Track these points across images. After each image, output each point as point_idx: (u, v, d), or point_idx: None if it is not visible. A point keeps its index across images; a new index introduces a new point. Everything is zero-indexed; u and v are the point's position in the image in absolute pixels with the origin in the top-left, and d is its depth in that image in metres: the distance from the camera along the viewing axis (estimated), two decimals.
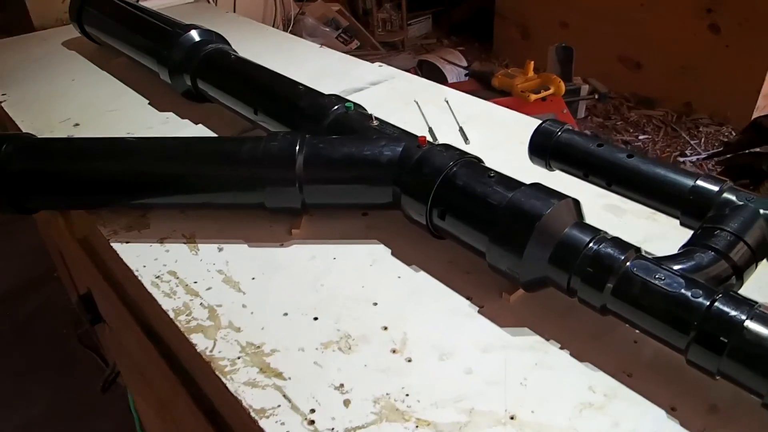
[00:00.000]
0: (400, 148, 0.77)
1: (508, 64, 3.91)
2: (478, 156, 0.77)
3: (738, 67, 3.05)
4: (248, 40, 1.54)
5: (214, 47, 1.12)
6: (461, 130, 1.07)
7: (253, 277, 0.76)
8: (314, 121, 0.87)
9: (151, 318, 0.87)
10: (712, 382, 0.55)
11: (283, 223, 0.85)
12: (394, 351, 0.65)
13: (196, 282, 0.76)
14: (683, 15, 3.16)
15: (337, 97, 0.91)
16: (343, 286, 0.74)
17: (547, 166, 0.78)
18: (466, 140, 1.05)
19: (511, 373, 0.61)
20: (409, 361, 0.63)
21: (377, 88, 1.27)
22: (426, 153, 0.75)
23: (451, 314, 0.69)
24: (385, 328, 0.67)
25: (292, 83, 0.99)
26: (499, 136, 1.06)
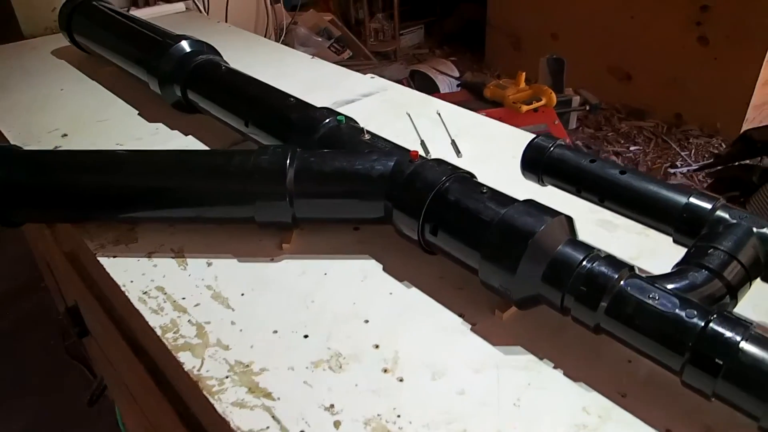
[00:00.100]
0: (392, 163, 0.76)
1: (499, 75, 3.93)
2: (470, 171, 0.77)
3: (727, 79, 3.08)
4: (239, 51, 1.53)
5: (205, 58, 1.12)
6: (453, 143, 1.07)
7: (243, 293, 0.75)
8: (305, 135, 0.86)
9: (138, 334, 0.85)
10: (708, 403, 0.55)
11: (274, 238, 0.83)
12: (385, 370, 0.63)
13: (184, 298, 0.75)
14: (672, 27, 3.20)
15: (328, 110, 0.90)
16: (334, 303, 0.73)
17: (540, 182, 0.78)
18: (459, 153, 1.04)
19: (504, 394, 0.60)
20: (401, 380, 0.62)
21: (369, 99, 1.26)
22: (418, 168, 0.74)
23: (444, 332, 0.68)
24: (377, 346, 0.66)
25: (283, 95, 0.98)
26: (492, 150, 1.06)
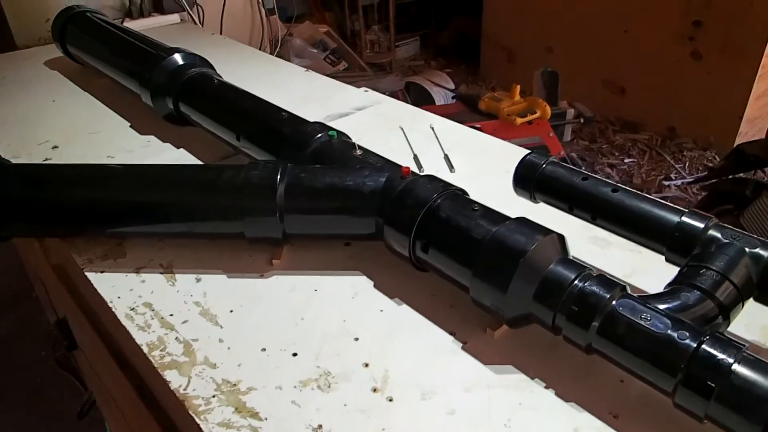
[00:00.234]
0: (384, 179, 0.76)
1: (494, 87, 3.95)
2: (462, 188, 0.76)
3: (720, 93, 3.11)
4: (233, 63, 1.53)
5: (197, 71, 1.11)
6: (446, 158, 1.07)
7: (232, 310, 0.74)
8: (297, 149, 0.86)
9: (125, 350, 0.84)
10: (700, 425, 0.54)
11: (264, 253, 0.83)
12: (374, 389, 0.63)
13: (172, 315, 0.74)
14: (666, 42, 3.22)
15: (320, 125, 0.90)
16: (324, 320, 0.72)
17: (532, 199, 0.77)
18: (452, 168, 1.04)
19: (494, 414, 0.59)
20: (390, 400, 0.61)
21: (362, 113, 1.26)
22: (409, 184, 0.74)
23: (434, 350, 0.68)
24: (366, 365, 0.66)
25: (276, 109, 0.97)
26: (485, 165, 1.06)
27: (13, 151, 1.15)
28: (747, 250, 0.60)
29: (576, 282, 0.60)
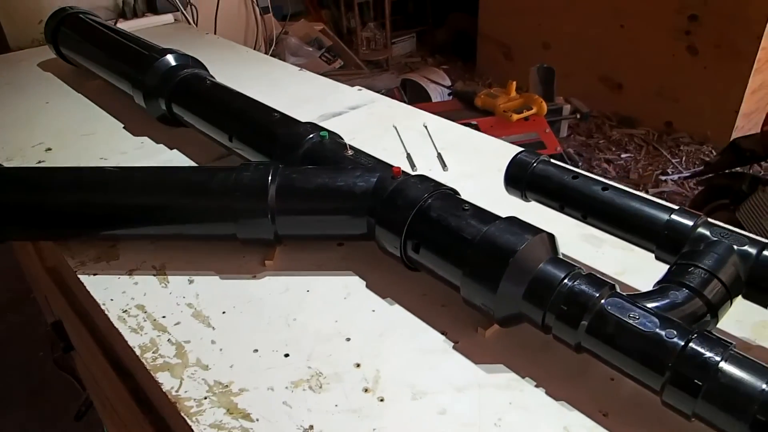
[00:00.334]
0: (375, 179, 0.76)
1: (491, 84, 3.94)
2: (453, 187, 0.76)
3: (716, 87, 3.11)
4: (227, 64, 1.53)
5: (190, 72, 1.11)
6: (440, 157, 1.07)
7: (224, 311, 0.74)
8: (289, 150, 0.86)
9: (119, 352, 0.84)
10: (689, 423, 0.54)
11: (257, 254, 0.83)
12: (366, 390, 0.63)
13: (164, 316, 0.74)
14: (662, 37, 3.22)
15: (312, 126, 0.90)
16: (316, 321, 0.72)
17: (523, 197, 0.78)
18: (445, 167, 1.04)
19: (485, 413, 0.60)
20: (382, 400, 0.61)
21: (356, 112, 1.26)
22: (400, 184, 0.74)
23: (426, 350, 0.68)
24: (358, 365, 0.66)
25: (268, 110, 0.97)
26: (478, 164, 1.06)
27: (7, 154, 1.15)
28: (735, 248, 0.60)
29: (565, 281, 0.60)
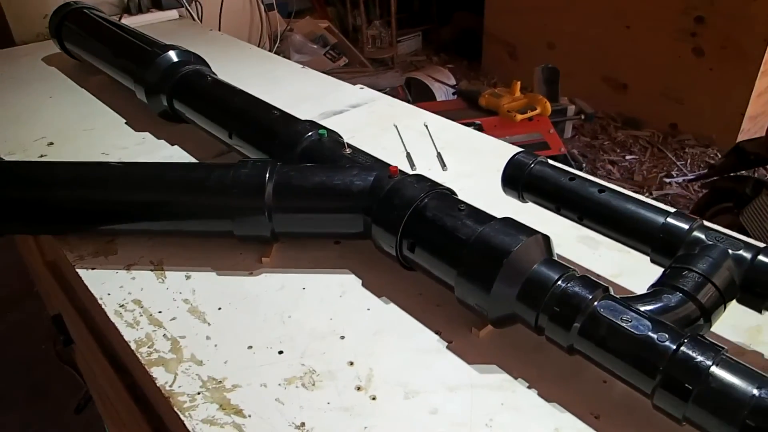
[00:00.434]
0: (372, 178, 0.76)
1: (496, 83, 3.94)
2: (450, 187, 0.76)
3: (722, 89, 3.09)
4: (230, 60, 1.53)
5: (192, 68, 1.11)
6: (439, 156, 1.07)
7: (220, 308, 0.75)
8: (287, 148, 0.86)
9: (116, 346, 0.85)
10: (680, 427, 0.54)
11: (254, 251, 0.83)
12: (358, 388, 0.63)
13: (160, 312, 0.74)
14: (668, 38, 3.21)
15: (311, 123, 0.90)
16: (311, 319, 0.72)
17: (520, 198, 0.78)
18: (444, 167, 1.04)
19: (476, 414, 0.60)
20: (374, 399, 0.62)
21: (357, 111, 1.26)
22: (397, 184, 0.74)
23: (419, 349, 0.68)
24: (351, 363, 0.66)
25: (267, 108, 0.98)
26: (477, 164, 1.06)
27: (10, 148, 1.15)
28: (730, 252, 0.60)
29: (559, 283, 0.60)
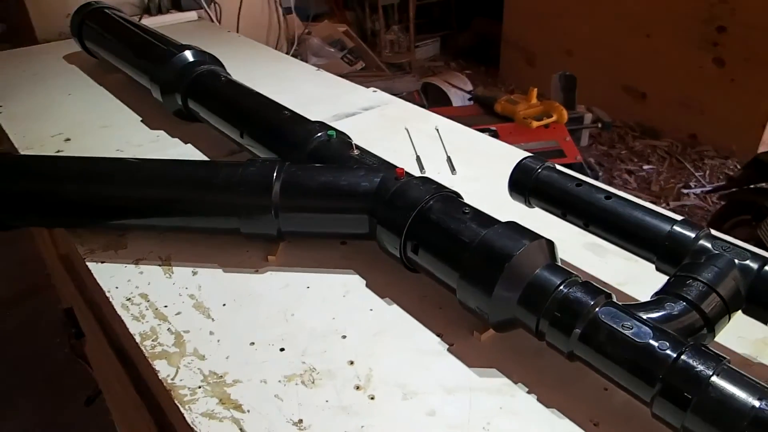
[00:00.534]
0: (378, 179, 0.77)
1: (513, 90, 3.92)
2: (456, 191, 0.76)
3: (743, 101, 3.05)
4: (245, 62, 1.55)
5: (206, 68, 1.13)
6: (449, 160, 1.07)
7: (224, 304, 0.75)
8: (296, 148, 0.87)
9: (122, 340, 0.86)
10: None
11: (261, 249, 0.84)
12: (357, 387, 0.63)
13: (166, 306, 0.75)
14: (688, 48, 3.17)
15: (320, 124, 0.91)
16: (314, 317, 0.73)
17: (527, 203, 0.77)
18: (453, 170, 1.04)
19: (474, 417, 0.60)
20: (372, 398, 0.62)
21: (369, 113, 1.27)
22: (403, 186, 0.74)
23: (420, 351, 0.68)
24: (351, 362, 0.66)
25: (278, 108, 0.99)
26: (487, 168, 1.05)
27: (27, 143, 1.18)
28: (737, 262, 0.59)
29: (561, 288, 0.59)
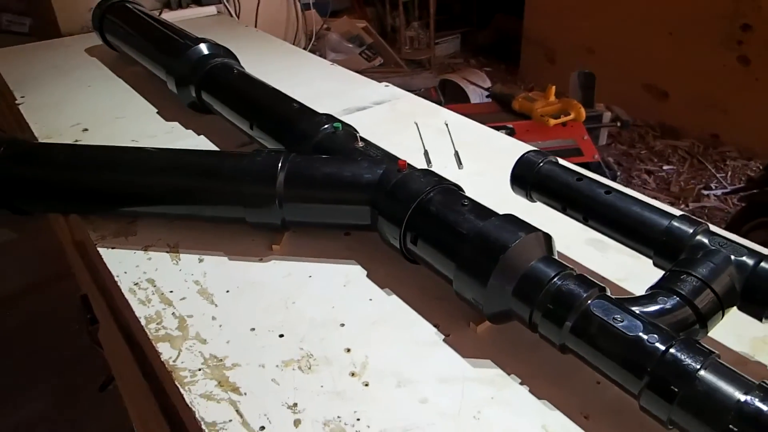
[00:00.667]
0: (381, 171, 0.78)
1: (533, 88, 3.89)
2: (457, 183, 0.77)
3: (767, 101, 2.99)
4: (261, 56, 1.57)
5: (220, 61, 1.15)
6: (456, 155, 1.07)
7: (228, 290, 0.77)
8: (303, 140, 0.88)
9: (130, 324, 0.88)
10: (668, 431, 0.54)
11: (266, 239, 0.85)
12: (353, 374, 0.64)
13: (172, 291, 0.77)
14: (712, 46, 3.11)
15: (328, 117, 0.92)
16: (314, 305, 0.74)
17: (528, 197, 0.78)
18: (460, 165, 1.05)
19: (465, 405, 0.60)
20: (366, 385, 0.63)
21: (380, 107, 1.28)
22: (404, 177, 0.75)
23: (416, 341, 0.69)
24: (348, 350, 0.67)
25: (288, 100, 1.00)
26: (495, 163, 1.06)
27: (47, 132, 1.21)
28: (733, 258, 0.59)
29: (555, 280, 0.60)
